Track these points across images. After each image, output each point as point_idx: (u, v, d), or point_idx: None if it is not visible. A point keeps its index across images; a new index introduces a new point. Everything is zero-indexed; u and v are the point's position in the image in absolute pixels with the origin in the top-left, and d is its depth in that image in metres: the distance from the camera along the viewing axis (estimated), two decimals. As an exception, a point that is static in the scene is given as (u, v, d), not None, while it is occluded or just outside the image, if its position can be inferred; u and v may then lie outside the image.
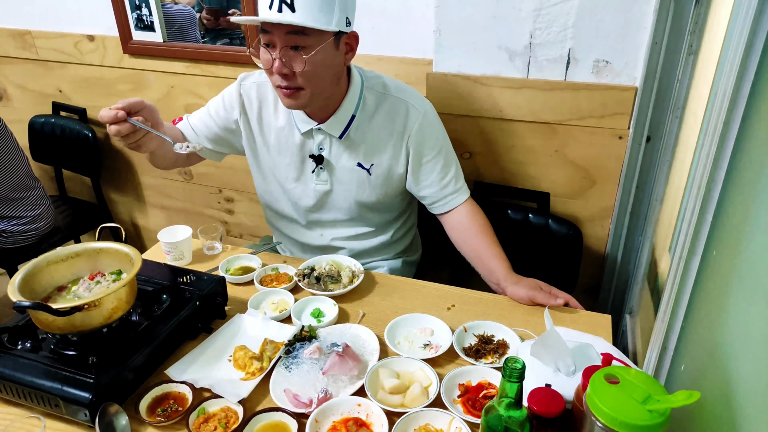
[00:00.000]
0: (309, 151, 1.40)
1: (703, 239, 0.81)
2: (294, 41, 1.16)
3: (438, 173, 1.41)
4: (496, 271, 1.34)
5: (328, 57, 1.20)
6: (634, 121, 1.49)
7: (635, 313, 1.52)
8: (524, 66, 1.55)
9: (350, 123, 1.35)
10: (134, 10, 2.04)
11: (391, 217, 1.53)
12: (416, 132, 1.36)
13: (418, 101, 1.37)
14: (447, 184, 1.42)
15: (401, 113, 1.36)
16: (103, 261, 1.14)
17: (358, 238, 1.53)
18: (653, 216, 1.50)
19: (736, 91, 0.74)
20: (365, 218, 1.50)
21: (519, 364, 0.77)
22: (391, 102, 1.36)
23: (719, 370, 0.70)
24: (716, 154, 0.77)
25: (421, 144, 1.38)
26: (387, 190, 1.44)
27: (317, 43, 1.17)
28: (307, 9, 1.13)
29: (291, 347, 1.10)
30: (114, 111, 1.10)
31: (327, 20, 1.16)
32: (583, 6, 1.43)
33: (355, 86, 1.34)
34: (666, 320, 0.90)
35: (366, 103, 1.36)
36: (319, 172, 1.42)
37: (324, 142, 1.39)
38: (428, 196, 1.44)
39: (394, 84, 1.40)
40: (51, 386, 0.94)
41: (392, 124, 1.36)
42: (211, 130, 1.45)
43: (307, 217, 1.51)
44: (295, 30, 1.14)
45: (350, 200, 1.45)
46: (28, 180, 2.07)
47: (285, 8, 1.12)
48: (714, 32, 1.16)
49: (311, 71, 1.19)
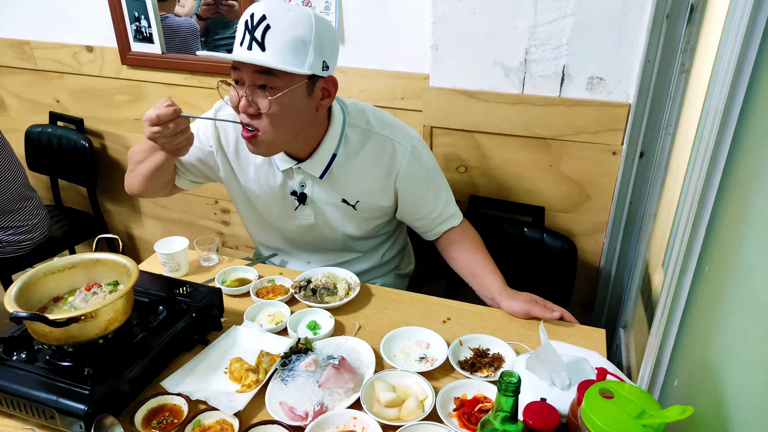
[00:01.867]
0: (290, 188, 1.35)
1: (695, 255, 0.82)
2: (262, 80, 1.11)
3: (430, 206, 1.39)
4: (490, 286, 1.34)
5: (297, 101, 1.14)
6: (627, 137, 1.51)
7: (629, 328, 1.53)
8: (519, 82, 1.58)
9: (331, 162, 1.30)
10: (133, 22, 2.05)
11: (380, 241, 1.53)
12: (404, 172, 1.32)
13: (404, 137, 1.32)
14: (439, 213, 1.41)
15: (387, 152, 1.31)
16: (99, 272, 1.14)
17: (346, 264, 1.50)
18: (647, 231, 1.51)
19: (727, 111, 0.75)
20: (353, 246, 1.49)
21: (514, 378, 0.77)
22: (376, 140, 1.31)
23: (712, 385, 0.71)
24: (707, 172, 0.79)
25: (410, 184, 1.35)
26: (374, 222, 1.43)
27: (286, 86, 1.11)
28: (278, 50, 1.08)
29: (287, 360, 1.10)
30: (172, 108, 1.11)
31: (299, 62, 1.09)
32: (577, 24, 1.45)
33: (335, 124, 1.28)
34: (659, 335, 0.91)
35: (348, 140, 1.30)
36: (302, 209, 1.38)
37: (306, 180, 1.34)
38: (421, 226, 1.44)
39: (378, 119, 1.33)
40: (46, 398, 0.94)
41: (378, 163, 1.31)
42: (186, 159, 1.38)
43: (293, 247, 1.50)
44: (263, 70, 1.09)
45: (337, 233, 1.43)
46: (25, 190, 2.07)
47: (255, 47, 1.08)
48: (706, 51, 1.19)
49: (277, 114, 1.13)
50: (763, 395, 0.58)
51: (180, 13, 2.27)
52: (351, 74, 1.81)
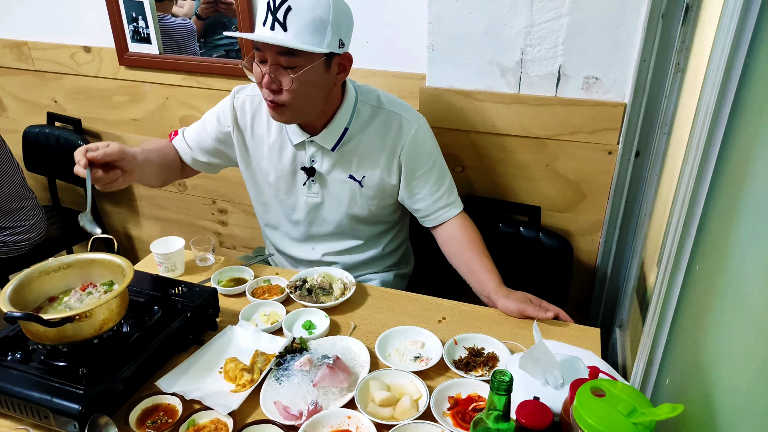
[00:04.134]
0: (301, 163, 1.42)
1: (687, 254, 0.82)
2: (284, 59, 1.18)
3: (431, 186, 1.42)
4: (486, 284, 1.35)
5: (316, 77, 1.22)
6: (623, 136, 1.51)
7: (625, 327, 1.53)
8: (516, 82, 1.58)
9: (343, 135, 1.37)
10: (131, 23, 2.05)
11: (382, 229, 1.54)
12: (409, 145, 1.37)
13: (412, 115, 1.39)
14: (440, 197, 1.43)
15: (394, 126, 1.37)
16: (95, 272, 1.14)
17: (349, 252, 1.53)
18: (642, 230, 1.51)
19: (718, 110, 0.76)
20: (356, 231, 1.50)
21: (507, 376, 0.77)
22: (384, 115, 1.38)
23: (702, 383, 0.71)
24: (699, 171, 0.79)
25: (414, 157, 1.39)
26: (379, 202, 1.45)
27: (306, 63, 1.18)
28: (299, 30, 1.15)
29: (282, 359, 1.10)
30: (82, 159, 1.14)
31: (318, 42, 1.17)
32: (573, 24, 1.45)
33: (349, 99, 1.36)
34: (652, 334, 0.91)
35: (359, 115, 1.37)
36: (311, 184, 1.43)
37: (316, 155, 1.40)
38: (421, 209, 1.45)
39: (388, 98, 1.41)
40: (40, 397, 0.94)
41: (385, 136, 1.38)
42: (205, 142, 1.47)
43: (299, 230, 1.52)
44: (285, 51, 1.16)
45: (341, 213, 1.46)
46: (22, 190, 2.07)
47: (278, 27, 1.15)
48: (701, 51, 1.19)
49: (298, 89, 1.21)
50: (751, 394, 0.59)
51: (178, 13, 2.27)
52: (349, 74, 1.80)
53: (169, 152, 1.47)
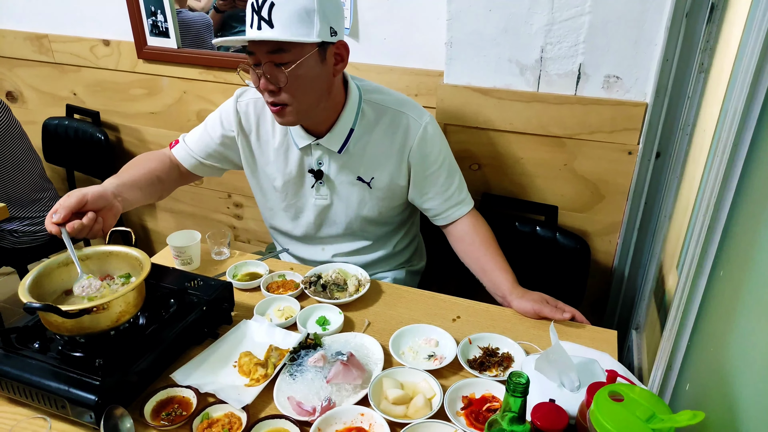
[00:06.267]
0: (308, 166, 1.40)
1: (710, 258, 0.81)
2: (276, 57, 1.16)
3: (441, 185, 1.40)
4: (501, 284, 1.34)
5: (311, 69, 1.19)
6: (643, 137, 1.49)
7: (642, 329, 1.51)
8: (535, 80, 1.56)
9: (349, 137, 1.35)
10: (149, 17, 2.06)
11: (392, 228, 1.53)
12: (417, 146, 1.35)
13: (419, 114, 1.36)
14: (450, 195, 1.42)
15: (402, 127, 1.35)
16: (112, 264, 1.15)
17: (359, 252, 1.52)
18: (661, 232, 1.49)
19: (746, 112, 0.74)
20: (366, 232, 1.49)
21: (523, 378, 0.77)
22: (390, 115, 1.35)
23: (724, 391, 0.70)
24: (725, 174, 0.77)
25: (423, 158, 1.37)
26: (389, 203, 1.44)
27: (298, 57, 1.16)
28: (285, 24, 1.12)
29: (296, 355, 1.10)
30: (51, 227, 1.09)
31: (306, 32, 1.14)
32: (594, 22, 1.43)
33: (352, 99, 1.33)
34: (672, 338, 0.90)
35: (365, 116, 1.35)
36: (319, 187, 1.41)
37: (323, 158, 1.38)
38: (432, 208, 1.44)
39: (393, 97, 1.38)
40: (57, 387, 0.95)
41: (393, 137, 1.35)
42: (209, 147, 1.44)
43: (308, 232, 1.50)
44: (273, 49, 1.15)
45: (351, 214, 1.44)
46: (42, 182, 2.10)
47: (264, 25, 1.13)
48: (726, 51, 1.16)
49: (295, 85, 1.18)
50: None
51: (196, 7, 2.28)
52: (365, 70, 1.80)
53: (158, 165, 1.41)
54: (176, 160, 1.47)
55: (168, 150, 1.48)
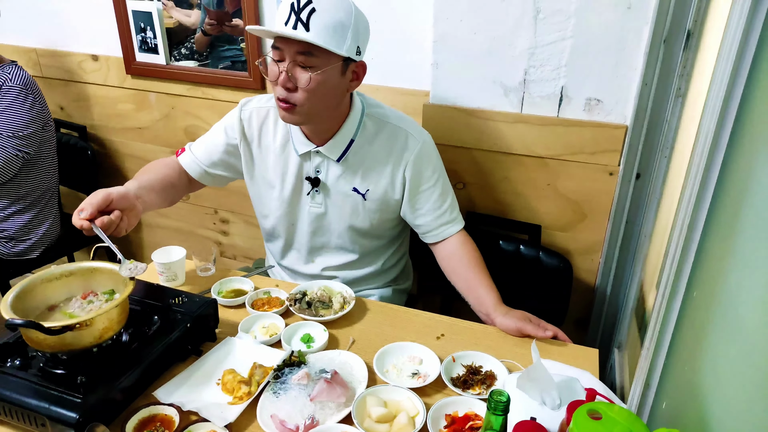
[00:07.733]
0: (306, 173, 1.43)
1: (684, 279, 0.83)
2: (302, 58, 1.20)
3: (434, 202, 1.43)
4: (485, 301, 1.35)
5: (331, 80, 1.24)
6: (624, 158, 1.53)
7: (623, 348, 1.53)
8: (518, 101, 1.59)
9: (349, 147, 1.38)
10: (139, 33, 2.08)
11: (382, 244, 1.55)
12: (414, 160, 1.39)
13: (417, 131, 1.41)
14: (442, 214, 1.44)
15: (400, 140, 1.39)
16: (96, 280, 1.15)
17: (349, 266, 1.54)
18: (642, 252, 1.52)
19: (717, 136, 0.77)
20: (357, 244, 1.51)
21: (504, 397, 0.78)
22: (390, 129, 1.40)
23: (698, 409, 0.72)
24: (698, 197, 0.80)
25: (418, 172, 1.40)
26: (381, 215, 1.46)
27: (324, 65, 1.21)
28: (320, 31, 1.17)
29: (280, 372, 1.10)
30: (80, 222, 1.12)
31: (338, 44, 1.20)
32: (576, 46, 1.47)
33: (355, 111, 1.38)
34: (649, 357, 0.92)
35: (366, 128, 1.39)
36: (315, 194, 1.44)
37: (321, 165, 1.41)
38: (423, 224, 1.46)
39: (394, 113, 1.43)
40: (38, 405, 0.94)
41: (390, 150, 1.39)
42: (214, 155, 1.48)
43: (302, 242, 1.52)
44: (304, 51, 1.19)
45: (343, 225, 1.47)
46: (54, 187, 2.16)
47: (300, 26, 1.17)
48: (701, 76, 1.20)
49: (312, 89, 1.22)
50: (746, 419, 0.59)
51: (186, 23, 2.30)
52: (352, 89, 1.82)
53: (170, 171, 1.46)
54: (183, 168, 1.50)
55: (176, 157, 1.51)
